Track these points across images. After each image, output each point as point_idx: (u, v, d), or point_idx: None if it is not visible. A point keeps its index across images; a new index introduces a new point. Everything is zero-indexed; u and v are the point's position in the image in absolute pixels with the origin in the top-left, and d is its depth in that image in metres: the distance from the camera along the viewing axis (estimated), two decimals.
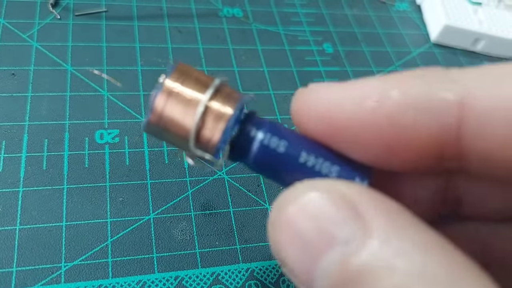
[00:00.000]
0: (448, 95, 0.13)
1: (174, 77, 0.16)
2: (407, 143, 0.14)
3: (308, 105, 0.15)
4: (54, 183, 0.26)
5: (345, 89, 0.14)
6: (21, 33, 0.33)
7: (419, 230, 0.12)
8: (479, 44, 0.42)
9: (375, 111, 0.14)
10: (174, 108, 0.16)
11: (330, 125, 0.14)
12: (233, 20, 0.39)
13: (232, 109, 0.16)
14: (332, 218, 0.13)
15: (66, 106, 0.30)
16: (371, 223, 0.12)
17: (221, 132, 0.15)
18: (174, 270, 0.24)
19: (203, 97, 0.16)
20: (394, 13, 0.44)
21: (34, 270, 0.23)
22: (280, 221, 0.14)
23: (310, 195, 0.13)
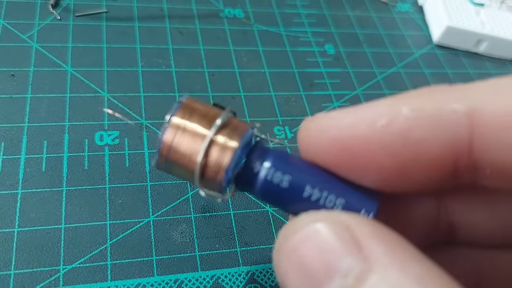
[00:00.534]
0: (457, 106, 0.13)
1: (181, 113, 0.17)
2: (421, 159, 0.14)
3: (318, 131, 0.15)
4: (53, 185, 0.26)
5: (354, 113, 0.14)
6: (21, 34, 0.33)
7: (419, 264, 0.12)
8: (481, 46, 0.41)
9: (388, 130, 0.14)
10: (181, 145, 0.16)
11: (342, 149, 0.14)
12: (235, 21, 0.38)
13: (236, 145, 0.16)
14: (334, 249, 0.13)
15: (66, 108, 0.29)
16: (372, 257, 0.12)
17: (224, 171, 0.16)
18: (173, 273, 0.24)
19: (208, 133, 0.16)
20: (396, 14, 0.44)
21: (32, 273, 0.23)
22: (284, 250, 0.14)
23: (314, 226, 0.14)
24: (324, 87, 0.36)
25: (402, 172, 0.14)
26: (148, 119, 0.30)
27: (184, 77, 0.33)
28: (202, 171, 0.16)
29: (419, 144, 0.14)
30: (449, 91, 0.14)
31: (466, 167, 0.14)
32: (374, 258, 0.12)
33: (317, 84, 0.36)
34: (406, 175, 0.14)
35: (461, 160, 0.14)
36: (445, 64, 0.40)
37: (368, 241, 0.13)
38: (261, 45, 0.37)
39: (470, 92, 0.14)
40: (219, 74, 0.34)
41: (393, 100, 0.14)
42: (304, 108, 0.34)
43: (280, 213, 0.28)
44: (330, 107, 0.34)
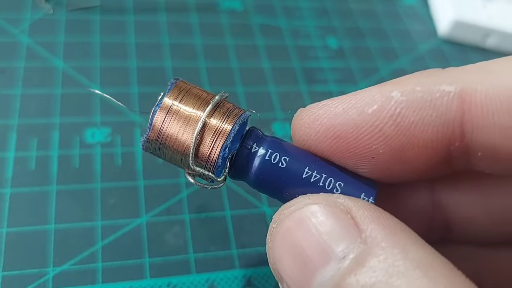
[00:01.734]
0: (448, 88, 0.13)
1: (174, 94, 0.16)
2: (414, 144, 0.14)
3: (311, 120, 0.15)
4: (42, 184, 0.25)
5: (345, 100, 0.14)
6: (12, 28, 0.32)
7: (420, 249, 0.12)
8: (488, 40, 0.40)
9: (379, 114, 0.14)
10: (173, 124, 0.16)
11: (336, 137, 0.14)
12: (233, 14, 0.37)
13: (231, 125, 0.16)
14: (331, 232, 0.13)
15: (56, 104, 0.29)
16: (370, 239, 0.12)
17: (220, 148, 0.16)
18: (167, 276, 0.23)
19: (202, 113, 0.16)
20: (400, 8, 0.43)
21: (21, 275, 0.22)
22: (278, 233, 0.14)
23: (310, 208, 0.13)
24: (326, 83, 0.35)
25: (396, 157, 0.14)
26: (142, 115, 0.29)
27: (180, 72, 0.32)
28: (196, 150, 0.16)
29: (412, 128, 0.13)
30: (439, 74, 0.14)
31: (459, 151, 0.14)
32: (374, 241, 0.12)
33: (318, 79, 0.35)
34: (400, 160, 0.14)
35: (454, 144, 0.14)
36: (451, 59, 0.39)
37: (368, 224, 0.13)
38: (260, 38, 0.36)
39: (460, 74, 0.14)
40: (217, 69, 0.33)
41: (384, 85, 0.14)
42: (304, 104, 0.33)
43: None
44: None
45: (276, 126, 0.31)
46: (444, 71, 0.14)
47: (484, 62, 0.14)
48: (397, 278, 0.11)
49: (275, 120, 0.31)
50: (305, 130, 0.15)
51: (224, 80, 0.33)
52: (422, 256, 0.12)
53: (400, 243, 0.12)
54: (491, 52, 0.41)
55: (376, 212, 0.13)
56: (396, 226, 0.13)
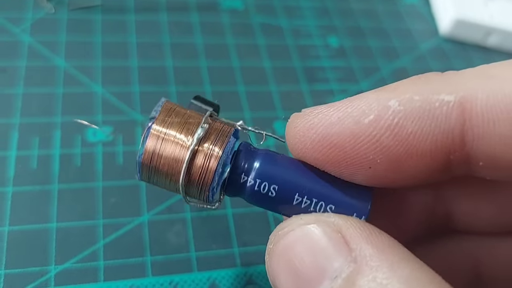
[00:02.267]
0: (447, 97, 0.13)
1: (161, 119, 0.16)
2: (413, 154, 0.13)
3: (306, 128, 0.15)
4: (44, 183, 0.25)
5: (341, 108, 0.14)
6: (13, 27, 0.32)
7: (408, 265, 0.12)
8: (490, 39, 0.40)
9: (376, 124, 0.13)
10: (163, 154, 0.16)
11: (332, 147, 0.14)
12: (234, 14, 0.37)
13: (221, 150, 0.16)
14: (325, 251, 0.13)
15: (58, 103, 0.29)
16: (360, 257, 0.12)
17: (211, 178, 0.16)
18: (168, 274, 0.23)
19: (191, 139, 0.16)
20: (402, 7, 0.43)
21: (23, 273, 0.22)
22: (274, 253, 0.14)
23: (305, 228, 0.14)
24: (327, 82, 0.35)
25: (393, 167, 0.14)
26: (143, 114, 0.29)
27: (181, 71, 0.32)
28: (188, 180, 0.16)
29: (410, 138, 0.13)
30: (438, 80, 0.14)
31: (460, 160, 0.14)
32: (363, 259, 0.12)
33: (320, 78, 0.35)
34: (398, 170, 0.14)
35: (454, 153, 0.13)
36: (452, 58, 0.39)
37: (358, 243, 0.13)
38: (261, 38, 0.36)
39: (460, 80, 0.13)
40: (218, 68, 0.33)
41: (381, 93, 0.14)
42: (305, 103, 0.33)
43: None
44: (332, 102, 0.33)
45: (277, 125, 0.31)
46: (442, 76, 0.14)
47: (484, 66, 0.14)
48: None
49: (276, 119, 0.31)
50: (300, 138, 0.15)
51: (225, 79, 0.33)
52: (409, 273, 0.12)
53: (388, 260, 0.12)
54: (493, 51, 0.41)
55: (366, 230, 0.13)
56: (384, 243, 0.13)
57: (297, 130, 0.15)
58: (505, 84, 0.12)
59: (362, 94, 0.14)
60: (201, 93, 0.31)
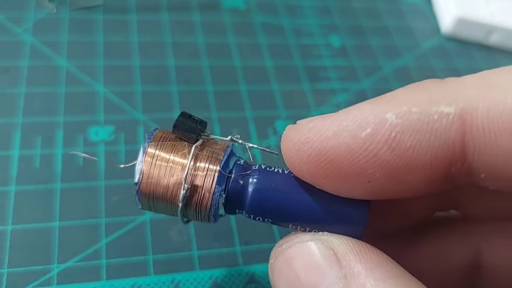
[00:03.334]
0: (447, 109, 0.13)
1: (153, 147, 0.17)
2: (412, 167, 0.13)
3: (302, 143, 0.14)
4: (47, 182, 0.25)
5: (337, 121, 0.14)
6: (16, 27, 0.32)
7: (398, 281, 0.13)
8: (492, 37, 0.40)
9: (373, 138, 0.13)
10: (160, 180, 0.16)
11: (328, 162, 0.14)
12: (235, 13, 0.37)
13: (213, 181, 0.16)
14: (317, 267, 0.14)
15: (60, 102, 0.29)
16: (350, 275, 0.13)
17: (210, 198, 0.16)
18: (170, 272, 0.24)
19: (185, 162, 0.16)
20: (403, 5, 0.43)
21: (25, 271, 0.22)
22: (275, 268, 0.15)
23: (298, 247, 0.15)
24: (329, 81, 0.35)
25: (393, 180, 0.13)
26: (146, 113, 0.29)
27: (182, 71, 0.32)
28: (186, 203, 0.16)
29: (409, 152, 0.13)
30: (436, 88, 0.13)
31: (461, 172, 0.13)
32: (352, 276, 0.13)
33: (321, 77, 0.35)
34: (397, 183, 0.13)
35: (455, 165, 0.13)
36: (454, 56, 0.39)
37: (348, 260, 0.13)
38: (262, 37, 0.36)
39: (459, 89, 0.13)
40: (219, 67, 0.33)
41: (377, 104, 0.13)
42: (307, 103, 0.33)
43: None
44: (334, 100, 0.33)
45: (279, 124, 0.31)
46: (441, 84, 0.13)
47: (486, 73, 0.13)
48: None
49: (278, 118, 0.31)
50: (295, 152, 0.14)
51: (226, 78, 0.33)
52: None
53: (376, 277, 0.13)
54: (494, 49, 0.40)
55: (356, 247, 0.14)
56: (373, 260, 0.13)
57: (292, 144, 0.15)
58: (508, 93, 0.12)
59: (358, 105, 0.14)
60: (203, 92, 0.31)
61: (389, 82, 0.36)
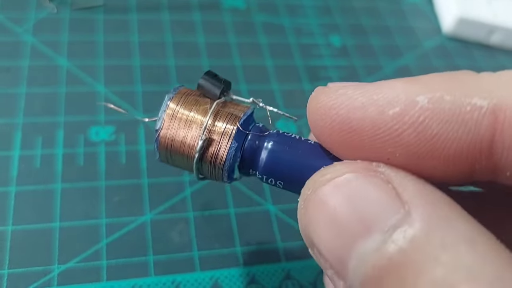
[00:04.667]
0: (480, 102, 0.12)
1: (177, 100, 0.17)
2: (434, 156, 0.12)
3: (328, 107, 0.14)
4: (47, 182, 0.25)
5: (368, 93, 0.13)
6: (16, 27, 0.32)
7: (466, 223, 0.11)
8: (493, 37, 0.40)
9: (400, 118, 0.12)
10: (179, 131, 0.16)
11: (351, 132, 0.13)
12: (236, 12, 0.37)
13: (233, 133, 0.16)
14: (372, 202, 0.12)
15: (61, 103, 0.29)
16: (415, 211, 0.11)
17: (225, 156, 0.16)
18: (171, 273, 0.23)
19: (204, 119, 0.16)
20: (404, 5, 0.42)
21: (26, 272, 0.22)
22: (313, 200, 0.13)
23: (350, 175, 0.13)
24: (329, 80, 0.34)
25: (412, 164, 0.13)
26: (146, 113, 0.29)
27: (183, 71, 0.32)
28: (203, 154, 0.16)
29: (434, 140, 0.12)
30: (471, 81, 0.13)
31: (485, 168, 0.13)
32: (417, 212, 0.11)
33: (322, 77, 0.35)
34: (416, 167, 0.13)
35: (480, 162, 0.12)
36: (455, 56, 0.39)
37: (410, 194, 0.12)
38: (263, 36, 0.36)
39: (495, 84, 0.12)
40: (220, 67, 0.33)
41: (411, 84, 0.13)
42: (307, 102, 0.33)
43: (282, 211, 0.27)
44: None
45: (279, 123, 0.31)
46: (477, 77, 0.13)
47: None
48: (445, 252, 0.11)
49: (279, 117, 0.31)
50: (320, 115, 0.14)
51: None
52: (468, 230, 0.11)
53: (445, 216, 0.11)
54: (496, 49, 0.40)
55: (418, 184, 0.12)
56: (440, 199, 0.12)
57: (319, 106, 0.14)
58: None
59: (390, 82, 0.13)
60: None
61: None
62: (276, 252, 0.25)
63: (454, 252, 0.11)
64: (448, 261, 0.10)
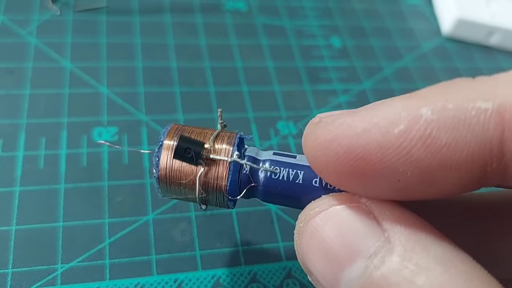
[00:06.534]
0: (484, 105, 0.12)
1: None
2: (446, 166, 0.12)
3: (329, 141, 0.13)
4: (51, 182, 0.26)
5: (366, 118, 0.13)
6: (20, 29, 0.32)
7: (440, 247, 0.12)
8: (492, 38, 0.40)
9: (406, 135, 0.12)
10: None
11: (358, 159, 0.13)
12: (237, 14, 0.38)
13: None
14: (356, 231, 0.13)
15: (64, 104, 0.29)
16: (393, 237, 0.12)
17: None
18: (173, 272, 0.24)
19: None
20: (404, 7, 0.43)
21: (30, 271, 0.23)
22: (305, 232, 0.14)
23: (336, 208, 0.14)
24: (330, 81, 0.35)
25: (424, 180, 0.13)
26: (148, 115, 0.30)
27: (185, 72, 0.33)
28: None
29: (443, 150, 0.12)
30: (470, 87, 0.13)
31: (496, 171, 0.13)
32: (396, 240, 0.12)
33: (322, 78, 0.35)
34: (429, 183, 0.13)
35: (491, 164, 0.12)
36: (454, 57, 0.39)
37: (389, 222, 0.13)
38: (264, 38, 0.36)
39: (494, 86, 0.12)
40: (221, 69, 0.33)
41: (409, 100, 0.13)
42: (308, 103, 0.33)
43: (283, 211, 0.27)
44: (335, 101, 0.33)
45: (280, 125, 0.31)
46: (474, 83, 0.13)
47: None
48: (420, 275, 0.11)
49: (279, 119, 0.32)
50: (322, 151, 0.14)
51: (228, 79, 0.33)
52: (442, 253, 0.12)
53: (421, 241, 0.12)
54: (495, 50, 0.41)
55: (397, 211, 0.13)
56: (416, 224, 0.13)
57: (318, 142, 0.14)
58: None
59: (387, 101, 0.13)
60: (205, 93, 0.32)
61: (390, 83, 0.36)
62: (277, 251, 0.25)
63: (429, 276, 0.11)
64: (422, 283, 0.11)
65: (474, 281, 0.11)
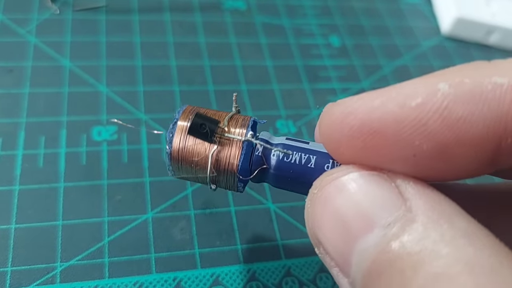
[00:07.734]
0: (500, 80, 0.12)
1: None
2: (462, 140, 0.12)
3: (345, 115, 0.13)
4: (50, 181, 0.26)
5: (384, 94, 0.13)
6: (19, 28, 0.32)
7: (464, 220, 0.12)
8: (491, 37, 0.40)
9: (423, 107, 0.12)
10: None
11: (373, 133, 0.13)
12: (237, 13, 0.38)
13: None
14: (375, 199, 0.12)
15: (64, 103, 0.29)
16: (416, 207, 0.12)
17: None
18: (172, 270, 0.24)
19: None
20: (403, 5, 0.43)
21: (29, 270, 0.23)
22: (318, 199, 0.14)
23: (352, 175, 0.13)
24: (329, 80, 0.35)
25: (439, 155, 0.13)
26: (148, 113, 0.30)
27: (184, 71, 0.33)
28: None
29: (460, 123, 0.12)
30: (487, 66, 0.13)
31: (510, 148, 0.13)
32: (418, 208, 0.12)
33: (321, 77, 0.35)
34: (443, 158, 0.13)
35: (506, 140, 0.12)
36: (454, 56, 0.39)
37: (413, 194, 0.12)
38: (263, 37, 0.36)
39: (510, 66, 0.12)
40: (220, 67, 0.33)
41: (427, 78, 0.13)
42: (307, 102, 0.33)
43: (283, 209, 0.27)
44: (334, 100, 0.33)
45: (279, 123, 0.31)
46: (490, 63, 0.13)
47: None
48: (444, 246, 0.11)
49: (278, 117, 0.32)
50: (336, 126, 0.14)
51: (228, 78, 0.33)
52: (467, 226, 0.11)
53: (445, 213, 0.12)
54: (494, 49, 0.41)
55: (419, 184, 0.13)
56: (440, 197, 0.12)
57: (334, 117, 0.14)
58: None
59: (406, 81, 0.13)
60: (204, 92, 0.32)
61: (389, 81, 0.36)
62: (276, 249, 0.25)
63: (453, 245, 0.11)
64: (447, 254, 0.11)
65: (499, 257, 0.11)
